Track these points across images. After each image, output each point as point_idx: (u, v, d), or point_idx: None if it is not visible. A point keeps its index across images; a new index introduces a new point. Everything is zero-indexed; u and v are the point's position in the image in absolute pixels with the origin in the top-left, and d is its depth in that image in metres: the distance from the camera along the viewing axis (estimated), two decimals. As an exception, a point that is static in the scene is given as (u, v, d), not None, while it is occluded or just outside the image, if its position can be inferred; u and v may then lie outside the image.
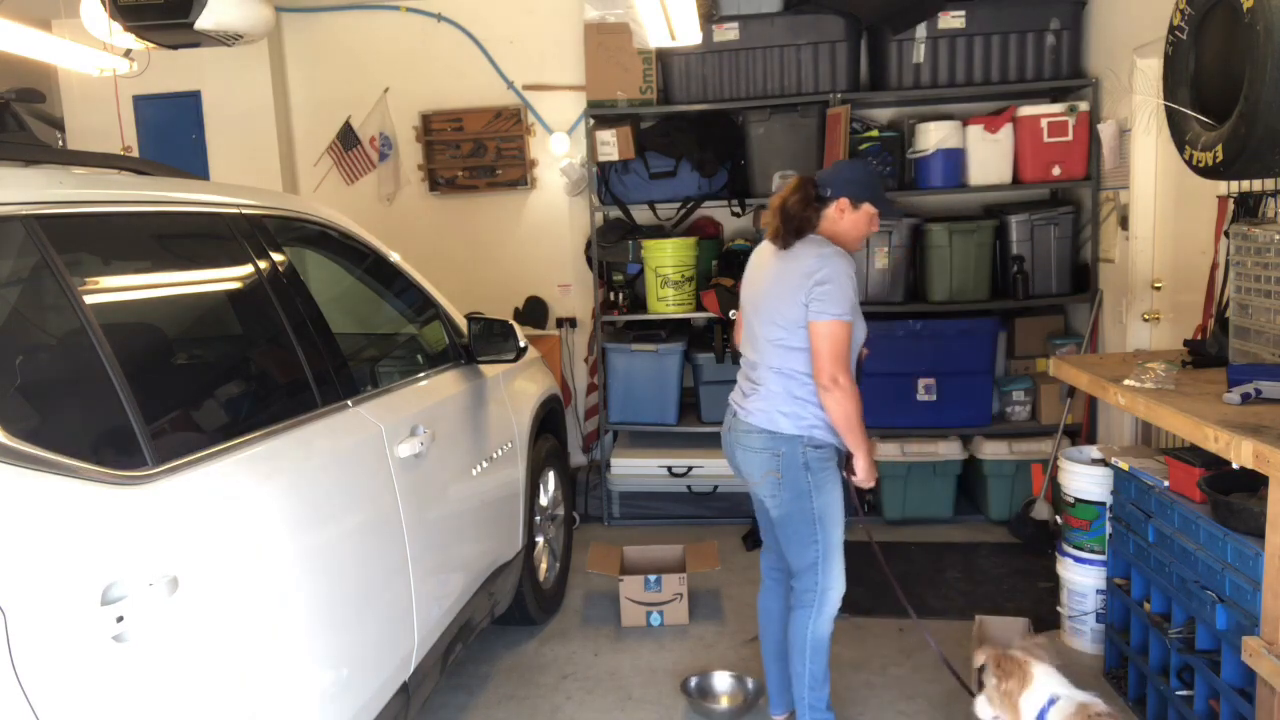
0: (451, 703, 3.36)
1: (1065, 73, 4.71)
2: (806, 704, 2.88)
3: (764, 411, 2.74)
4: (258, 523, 1.95)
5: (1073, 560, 3.51)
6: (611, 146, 4.86)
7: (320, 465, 2.24)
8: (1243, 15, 2.42)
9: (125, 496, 1.63)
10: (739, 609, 4.01)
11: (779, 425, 2.71)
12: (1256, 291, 2.79)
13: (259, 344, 2.42)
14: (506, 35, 5.46)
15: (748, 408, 2.78)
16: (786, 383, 2.72)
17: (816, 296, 2.62)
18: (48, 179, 1.83)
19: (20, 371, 1.65)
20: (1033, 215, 4.78)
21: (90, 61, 4.41)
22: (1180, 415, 2.46)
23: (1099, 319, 4.64)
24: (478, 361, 3.33)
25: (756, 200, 5.00)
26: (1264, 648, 2.18)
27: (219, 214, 2.30)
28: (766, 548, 3.07)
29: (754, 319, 2.82)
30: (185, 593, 1.67)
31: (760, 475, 2.77)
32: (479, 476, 3.15)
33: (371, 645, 2.35)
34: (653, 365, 4.97)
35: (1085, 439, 4.65)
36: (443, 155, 5.60)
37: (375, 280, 3.23)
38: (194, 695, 1.70)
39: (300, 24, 5.59)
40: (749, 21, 4.81)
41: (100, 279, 1.93)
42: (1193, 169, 2.77)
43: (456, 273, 5.43)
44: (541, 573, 3.94)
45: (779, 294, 2.71)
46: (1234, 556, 2.43)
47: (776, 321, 2.72)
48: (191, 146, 5.56)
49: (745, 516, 5.00)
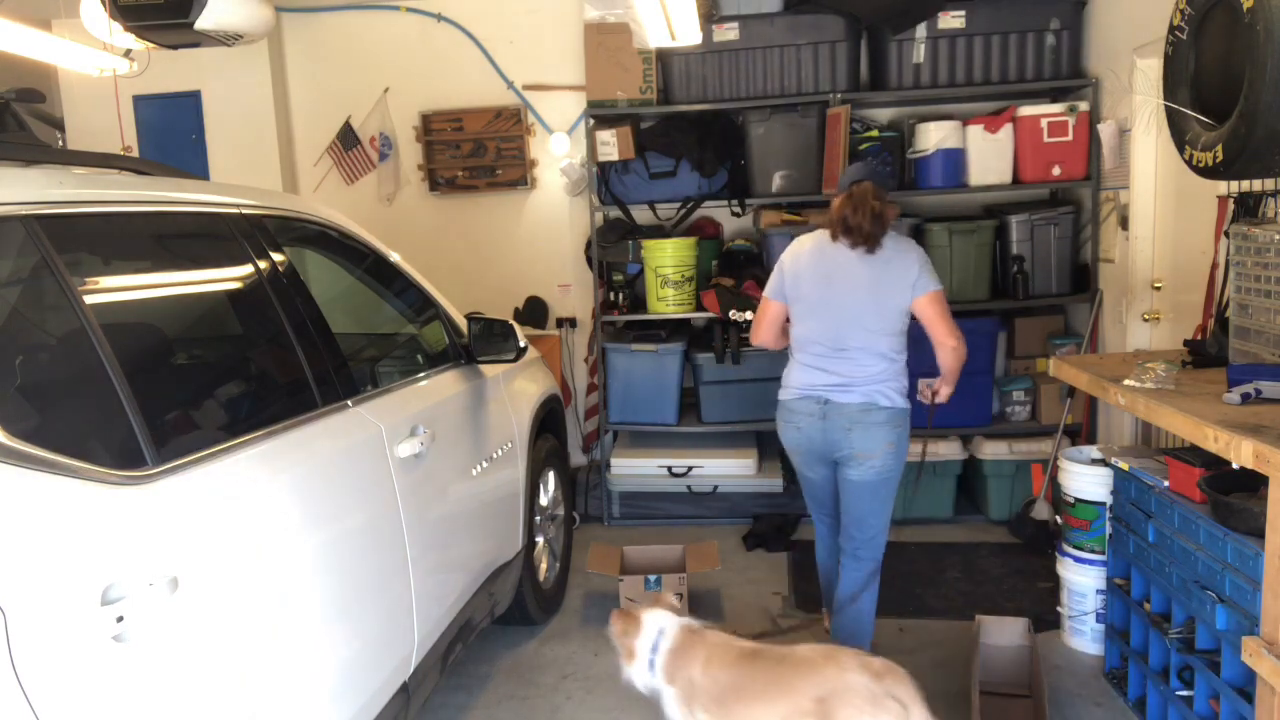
0: (451, 703, 3.36)
1: (1065, 73, 4.71)
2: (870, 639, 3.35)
3: (879, 392, 3.12)
4: (258, 523, 1.95)
5: (1073, 560, 3.51)
6: (611, 146, 4.86)
7: (320, 465, 2.24)
8: (1243, 15, 2.42)
9: (125, 496, 1.63)
10: (739, 609, 4.01)
11: (895, 401, 3.14)
12: (1256, 291, 2.79)
13: (259, 344, 2.42)
14: (506, 35, 5.46)
15: (854, 390, 3.12)
16: (890, 365, 3.14)
17: (922, 274, 3.11)
18: (48, 179, 1.83)
19: (20, 371, 1.65)
20: (1033, 215, 4.78)
21: (90, 61, 4.41)
22: (1180, 415, 2.46)
23: (1099, 319, 4.64)
24: (478, 361, 3.33)
25: (756, 200, 5.01)
26: (1264, 648, 2.18)
27: (219, 214, 2.30)
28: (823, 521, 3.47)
29: (843, 312, 3.13)
30: (185, 593, 1.68)
31: (880, 448, 3.13)
32: (479, 476, 3.15)
33: (371, 645, 2.35)
34: (653, 365, 4.97)
35: (1085, 439, 4.65)
36: (443, 155, 5.60)
37: (375, 280, 3.23)
38: (194, 695, 1.70)
39: (300, 24, 5.59)
40: (749, 21, 4.81)
41: (100, 279, 1.93)
42: (1193, 169, 2.77)
43: (456, 273, 5.43)
44: (541, 573, 3.94)
45: (884, 288, 3.10)
46: (1234, 556, 2.43)
47: (879, 313, 3.11)
48: (191, 146, 5.56)
49: (745, 516, 5.01)
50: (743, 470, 5.01)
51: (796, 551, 4.62)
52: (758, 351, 4.88)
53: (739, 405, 4.98)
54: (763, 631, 3.72)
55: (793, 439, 3.27)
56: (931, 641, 3.66)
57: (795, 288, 3.21)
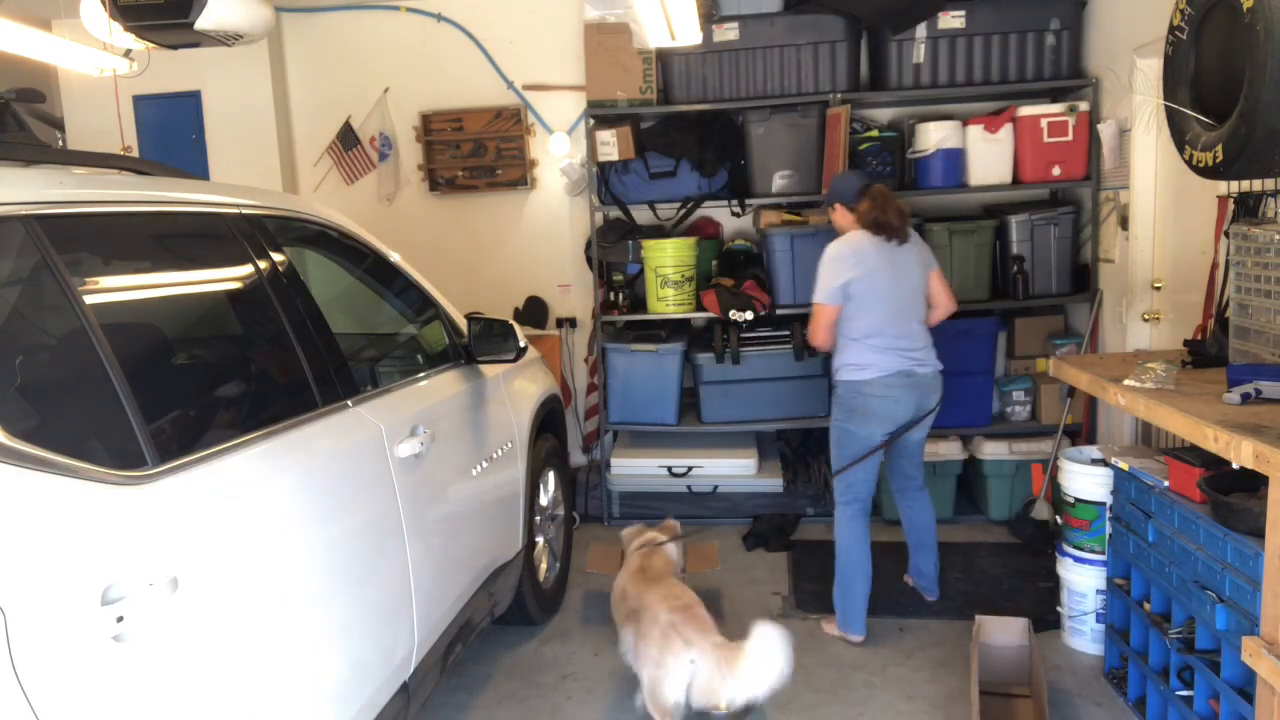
0: (451, 703, 3.36)
1: (1065, 73, 4.71)
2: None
3: (935, 359, 3.69)
4: (258, 522, 1.95)
5: (1073, 560, 3.51)
6: (611, 146, 4.86)
7: (320, 465, 2.24)
8: (1243, 15, 2.42)
9: (125, 496, 1.63)
10: (739, 609, 4.01)
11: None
12: (1256, 291, 2.79)
13: (259, 344, 2.41)
14: (506, 35, 5.46)
15: (926, 361, 3.64)
16: (930, 335, 3.71)
17: (928, 253, 3.78)
18: (48, 179, 1.83)
19: (20, 371, 1.65)
20: (1033, 215, 4.78)
21: (90, 61, 4.41)
22: (1180, 415, 2.46)
23: (1099, 319, 4.64)
24: (478, 361, 3.33)
25: (756, 200, 5.00)
26: (1264, 648, 2.18)
27: (219, 214, 2.30)
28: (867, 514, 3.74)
29: (899, 298, 3.60)
30: (185, 593, 1.67)
31: (938, 403, 3.70)
32: (479, 476, 3.15)
33: (371, 645, 2.35)
34: (653, 365, 4.97)
35: (1085, 439, 4.65)
36: (443, 155, 5.60)
37: (375, 280, 3.23)
38: (194, 695, 1.70)
39: (300, 24, 5.59)
40: (749, 21, 4.81)
41: (100, 279, 1.93)
42: (1193, 169, 2.77)
43: (456, 273, 5.43)
44: (541, 573, 3.94)
45: (916, 271, 3.67)
46: (1234, 556, 2.43)
47: (918, 293, 3.68)
48: (191, 146, 5.56)
49: (745, 516, 5.01)
50: (743, 470, 5.01)
51: (797, 551, 4.62)
52: (758, 351, 4.90)
53: (739, 405, 4.98)
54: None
55: (890, 411, 3.61)
56: (931, 641, 3.66)
57: (856, 286, 3.55)
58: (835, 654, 3.60)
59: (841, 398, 3.66)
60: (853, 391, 3.61)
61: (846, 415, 3.65)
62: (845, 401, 3.65)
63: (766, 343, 4.91)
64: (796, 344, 4.87)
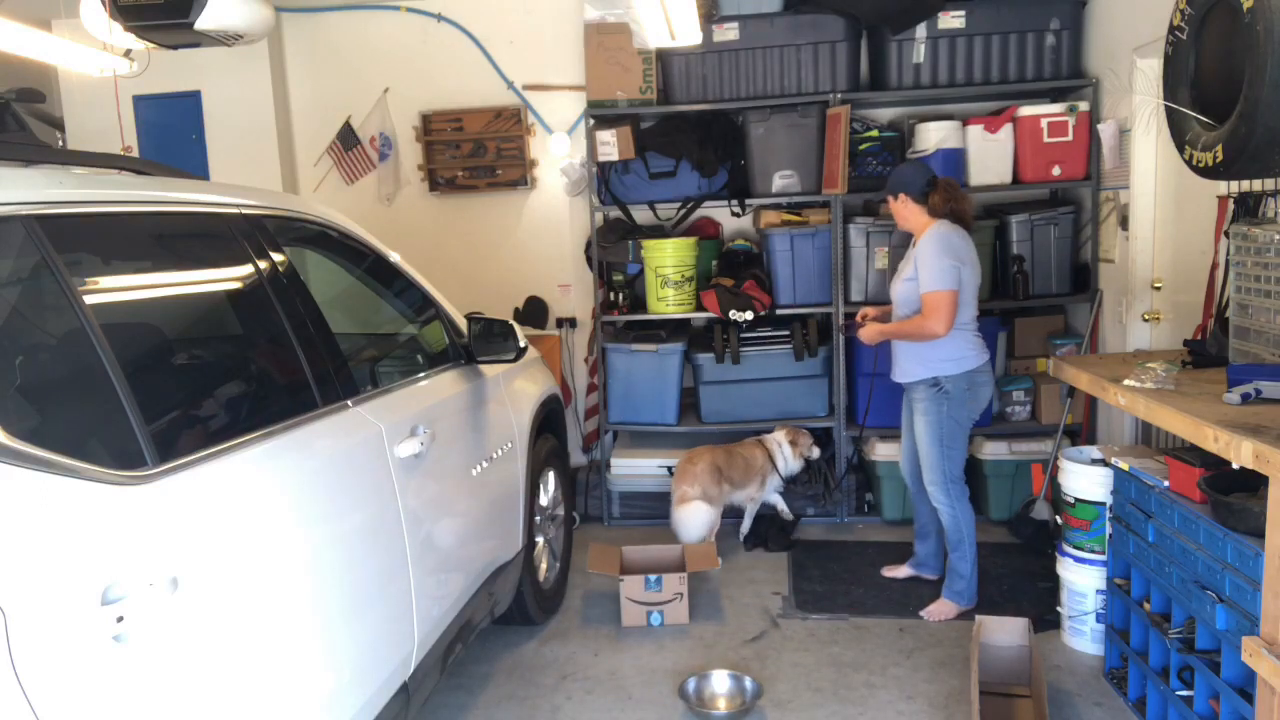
0: (451, 703, 3.36)
1: (1065, 73, 4.71)
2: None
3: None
4: (258, 523, 1.95)
5: (1073, 560, 3.51)
6: (611, 146, 4.86)
7: (320, 465, 2.24)
8: (1243, 15, 2.42)
9: (125, 496, 1.63)
10: (739, 609, 4.01)
11: None
12: (1256, 291, 2.79)
13: (259, 344, 2.41)
14: (506, 35, 5.46)
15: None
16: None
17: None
18: (48, 179, 1.83)
19: (20, 371, 1.65)
20: (1033, 215, 4.78)
21: (90, 61, 4.41)
22: (1180, 415, 2.46)
23: (1099, 319, 4.64)
24: (478, 361, 3.32)
25: (756, 200, 5.00)
26: (1264, 648, 2.18)
27: (219, 214, 2.30)
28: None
29: (977, 291, 3.73)
30: (185, 593, 1.67)
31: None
32: (479, 476, 3.15)
33: (371, 645, 2.35)
34: (653, 365, 4.97)
35: (1085, 439, 4.65)
36: (443, 155, 5.60)
37: (375, 280, 3.23)
38: (194, 695, 1.70)
39: (300, 24, 5.59)
40: (749, 21, 4.81)
41: (100, 279, 1.93)
42: (1193, 169, 2.77)
43: (456, 273, 5.43)
44: (541, 573, 3.94)
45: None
46: (1234, 556, 2.43)
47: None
48: (191, 146, 5.55)
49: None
50: (743, 470, 5.00)
51: (797, 551, 4.62)
52: (757, 351, 4.90)
53: (739, 405, 4.98)
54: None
55: (988, 395, 3.79)
56: (931, 641, 3.66)
57: (965, 273, 3.64)
58: (835, 654, 3.60)
59: (951, 392, 3.68)
60: (967, 380, 3.69)
61: (957, 406, 3.70)
62: (957, 394, 3.69)
63: (766, 343, 4.91)
64: (796, 344, 4.87)
